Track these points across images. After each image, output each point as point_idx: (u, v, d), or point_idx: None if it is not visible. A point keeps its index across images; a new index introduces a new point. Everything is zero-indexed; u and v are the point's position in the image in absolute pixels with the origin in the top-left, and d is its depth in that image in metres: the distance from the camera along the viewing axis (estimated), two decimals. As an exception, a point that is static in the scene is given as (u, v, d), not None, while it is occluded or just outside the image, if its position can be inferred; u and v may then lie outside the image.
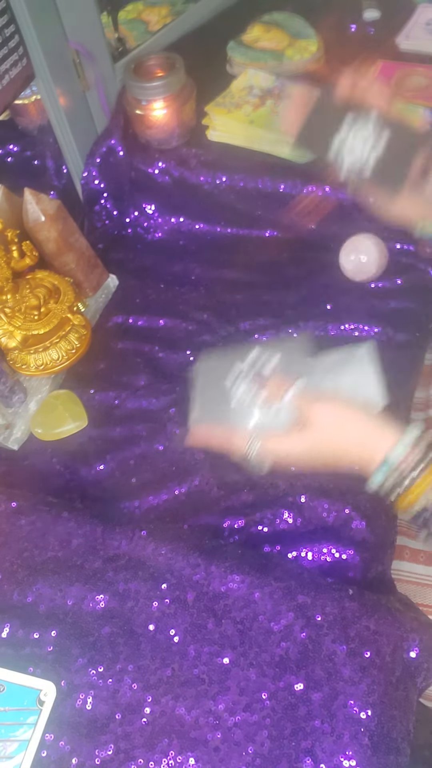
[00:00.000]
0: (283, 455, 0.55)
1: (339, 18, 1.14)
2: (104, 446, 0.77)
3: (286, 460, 0.55)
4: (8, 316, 0.77)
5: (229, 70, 1.08)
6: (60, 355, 0.79)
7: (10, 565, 0.63)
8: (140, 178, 0.99)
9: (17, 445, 0.78)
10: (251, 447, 0.55)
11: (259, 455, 0.55)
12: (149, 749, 0.52)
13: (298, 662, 0.55)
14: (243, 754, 0.51)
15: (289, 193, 0.90)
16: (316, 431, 0.53)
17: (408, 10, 1.12)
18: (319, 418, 0.53)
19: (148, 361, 0.85)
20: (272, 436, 0.55)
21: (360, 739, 0.51)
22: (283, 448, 0.55)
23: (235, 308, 0.89)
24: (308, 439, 0.53)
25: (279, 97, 0.97)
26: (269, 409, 0.57)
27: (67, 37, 0.86)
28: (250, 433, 0.55)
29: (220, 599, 0.58)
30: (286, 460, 0.55)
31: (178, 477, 0.72)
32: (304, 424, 0.54)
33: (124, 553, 0.62)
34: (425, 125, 0.88)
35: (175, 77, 0.90)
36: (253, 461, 0.56)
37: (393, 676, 0.54)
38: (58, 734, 0.53)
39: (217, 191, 0.94)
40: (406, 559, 0.79)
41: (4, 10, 0.75)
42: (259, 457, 0.55)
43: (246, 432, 0.56)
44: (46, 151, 1.00)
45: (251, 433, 0.55)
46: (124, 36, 1.08)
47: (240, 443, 0.56)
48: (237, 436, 0.56)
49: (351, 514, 0.67)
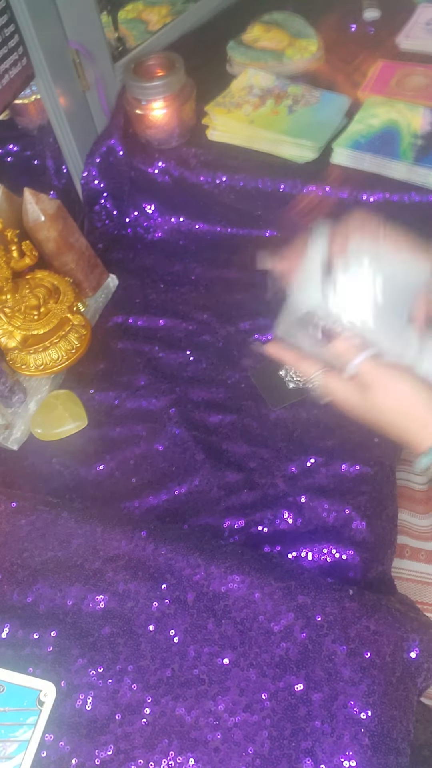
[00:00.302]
0: (340, 398, 0.55)
1: (339, 18, 1.14)
2: (104, 446, 0.77)
3: (341, 404, 0.56)
4: (8, 316, 0.77)
5: (229, 69, 1.08)
6: (60, 355, 0.79)
7: (10, 565, 0.63)
8: (140, 178, 0.98)
9: (17, 445, 0.78)
10: (315, 378, 0.56)
11: (320, 388, 0.56)
12: (149, 749, 0.52)
13: (298, 662, 0.55)
14: (243, 754, 0.51)
15: (289, 193, 0.90)
16: (378, 394, 0.53)
17: (408, 10, 1.12)
18: (385, 383, 0.53)
19: (148, 361, 0.85)
20: (337, 377, 0.55)
21: (360, 739, 0.51)
22: (342, 393, 0.55)
23: (235, 308, 0.89)
24: (368, 398, 0.54)
25: (279, 97, 0.97)
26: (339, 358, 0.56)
27: (67, 37, 0.86)
28: (317, 366, 0.56)
29: (220, 599, 0.58)
30: (341, 404, 0.56)
31: (178, 477, 0.72)
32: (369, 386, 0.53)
33: (124, 553, 0.62)
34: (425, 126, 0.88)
35: (175, 77, 0.90)
36: (314, 390, 0.57)
37: (393, 676, 0.54)
38: (58, 734, 0.53)
39: (217, 191, 0.94)
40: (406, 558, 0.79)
41: (4, 10, 0.75)
42: (320, 389, 0.56)
43: (315, 363, 0.57)
44: (46, 151, 1.00)
45: (319, 366, 0.56)
46: (124, 36, 1.08)
47: (306, 370, 0.57)
48: (307, 362, 0.57)
49: (351, 514, 0.67)
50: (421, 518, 0.96)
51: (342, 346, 0.54)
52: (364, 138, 0.89)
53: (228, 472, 0.72)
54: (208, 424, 0.77)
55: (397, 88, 0.96)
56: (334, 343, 0.54)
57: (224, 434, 0.76)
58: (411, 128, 0.89)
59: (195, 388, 0.80)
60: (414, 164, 0.84)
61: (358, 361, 0.53)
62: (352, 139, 0.89)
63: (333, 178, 0.88)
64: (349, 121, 0.92)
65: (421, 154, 0.85)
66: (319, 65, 1.05)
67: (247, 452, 0.74)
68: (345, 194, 0.87)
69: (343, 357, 0.54)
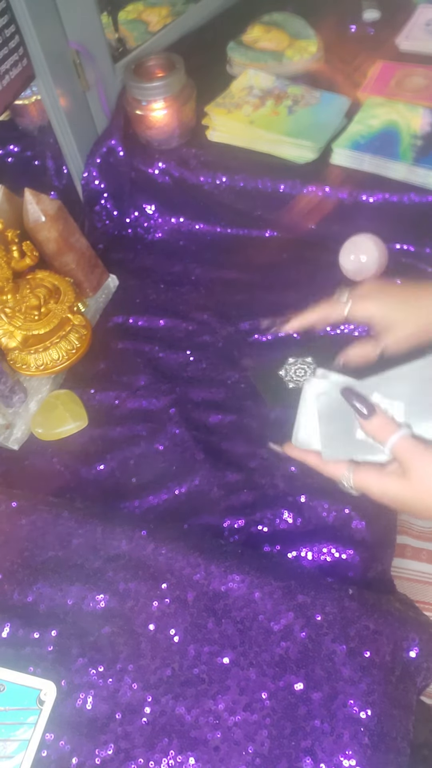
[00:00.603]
0: (377, 493, 0.52)
1: (339, 18, 1.14)
2: (104, 446, 0.77)
3: (379, 498, 0.52)
4: (8, 316, 0.77)
5: (229, 70, 1.08)
6: (60, 355, 0.79)
7: (11, 565, 0.63)
8: (140, 179, 0.99)
9: (17, 445, 0.78)
10: (345, 477, 0.53)
11: (353, 486, 0.53)
12: (149, 749, 0.52)
13: (298, 662, 0.55)
14: (243, 753, 0.51)
15: (289, 193, 0.90)
16: (419, 477, 0.49)
17: (408, 11, 1.11)
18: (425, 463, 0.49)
19: (148, 361, 0.85)
20: (369, 470, 0.52)
21: (360, 738, 0.51)
22: (378, 485, 0.51)
23: (235, 308, 0.89)
24: (408, 487, 0.49)
25: (279, 98, 0.97)
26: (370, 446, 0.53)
27: (67, 38, 0.86)
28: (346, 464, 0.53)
29: (220, 599, 0.58)
30: (379, 498, 0.52)
31: (178, 477, 0.72)
32: (406, 470, 0.50)
33: (124, 553, 0.62)
34: (425, 126, 0.89)
35: (175, 78, 0.91)
36: (347, 489, 0.54)
37: (393, 675, 0.54)
38: (58, 734, 0.53)
39: (217, 191, 0.94)
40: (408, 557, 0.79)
41: (4, 11, 0.75)
42: (353, 488, 0.53)
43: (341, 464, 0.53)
44: (47, 152, 1.00)
45: (347, 465, 0.53)
46: (125, 36, 1.08)
47: (334, 472, 0.54)
48: (333, 464, 0.54)
49: (351, 514, 0.67)
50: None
51: (378, 423, 0.50)
52: (364, 138, 0.89)
53: (228, 471, 0.72)
54: (208, 424, 0.77)
55: (396, 89, 0.97)
56: (370, 420, 0.50)
57: (224, 434, 0.76)
58: (410, 129, 0.89)
59: (195, 388, 0.80)
60: (413, 165, 0.84)
61: (395, 438, 0.49)
62: (351, 140, 0.89)
63: (333, 179, 0.88)
64: (348, 122, 0.93)
65: (420, 155, 0.85)
66: (319, 66, 1.05)
67: (247, 452, 0.74)
68: (345, 195, 0.87)
69: (379, 435, 0.50)
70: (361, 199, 0.87)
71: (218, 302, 0.91)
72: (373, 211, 0.87)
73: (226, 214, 0.98)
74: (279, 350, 0.82)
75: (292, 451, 0.58)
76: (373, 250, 0.85)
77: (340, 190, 0.87)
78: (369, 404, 0.51)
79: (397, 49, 1.06)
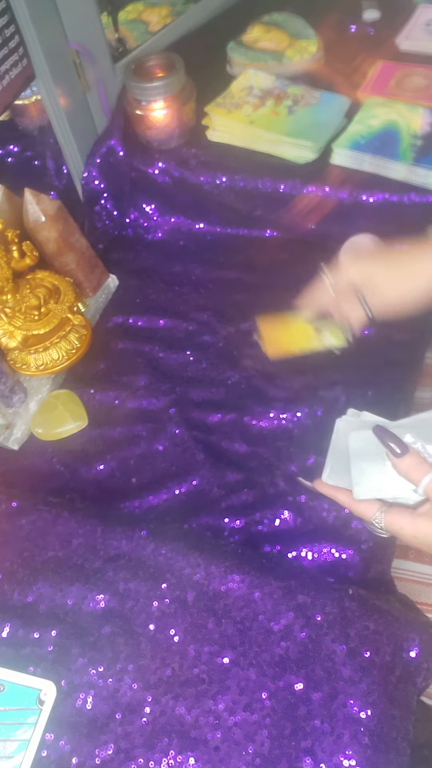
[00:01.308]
0: (408, 535, 0.51)
1: (339, 18, 1.14)
2: (104, 446, 0.77)
3: (410, 541, 0.51)
4: (8, 316, 0.77)
5: (229, 70, 1.08)
6: (60, 355, 0.79)
7: (11, 565, 0.63)
8: (140, 179, 0.99)
9: (17, 445, 0.78)
10: (377, 518, 0.52)
11: (384, 528, 0.52)
12: (149, 749, 0.52)
13: (298, 662, 0.55)
14: (243, 753, 0.51)
15: (289, 193, 0.90)
16: None
17: (408, 11, 1.11)
18: None
19: (148, 361, 0.85)
20: (401, 512, 0.51)
21: (360, 738, 0.51)
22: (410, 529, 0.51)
23: (235, 308, 0.89)
24: None
25: (279, 98, 0.97)
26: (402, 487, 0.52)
27: (67, 38, 0.86)
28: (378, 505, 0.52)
29: (220, 599, 0.58)
30: (410, 541, 0.51)
31: (178, 477, 0.72)
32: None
33: (124, 553, 0.62)
34: (425, 126, 0.89)
35: (175, 78, 0.91)
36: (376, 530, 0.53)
37: (393, 675, 0.54)
38: (58, 734, 0.53)
39: (217, 191, 0.94)
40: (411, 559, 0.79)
41: (4, 11, 0.75)
42: (383, 528, 0.53)
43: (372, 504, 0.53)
44: (47, 152, 1.00)
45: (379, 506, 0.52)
46: (125, 36, 1.08)
47: (365, 512, 0.53)
48: (364, 506, 0.53)
49: (351, 513, 0.67)
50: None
51: (411, 462, 0.49)
52: (364, 138, 0.89)
53: (228, 471, 0.72)
54: (208, 423, 0.77)
55: (396, 89, 0.97)
56: (403, 459, 0.50)
57: (224, 434, 0.76)
58: (410, 129, 0.89)
59: (195, 388, 0.80)
60: (413, 165, 0.84)
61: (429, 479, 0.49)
62: (351, 140, 0.89)
63: (333, 179, 0.88)
64: (348, 122, 0.93)
65: (420, 155, 0.85)
66: (319, 66, 1.05)
67: (247, 452, 0.74)
68: (345, 195, 0.87)
69: (412, 474, 0.49)
70: (361, 199, 0.87)
71: (218, 302, 0.91)
72: (373, 211, 0.87)
73: (226, 214, 0.98)
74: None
75: (322, 488, 0.57)
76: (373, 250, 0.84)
77: (340, 190, 0.87)
78: (402, 443, 0.50)
79: (397, 49, 1.06)
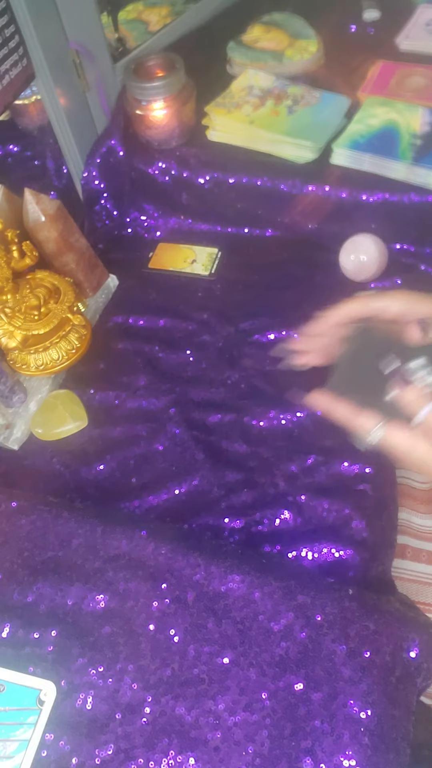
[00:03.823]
0: (402, 450, 0.50)
1: (339, 18, 1.14)
2: (104, 446, 0.77)
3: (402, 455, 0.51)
4: (8, 316, 0.77)
5: (229, 70, 1.08)
6: (60, 355, 0.79)
7: (11, 565, 0.63)
8: (140, 178, 0.99)
9: (17, 445, 0.78)
10: (375, 433, 0.51)
11: (380, 443, 0.51)
12: (149, 749, 0.52)
13: (298, 662, 0.55)
14: (243, 753, 0.51)
15: (289, 193, 0.90)
16: None
17: (408, 10, 1.12)
18: None
19: (148, 361, 0.85)
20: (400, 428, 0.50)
21: (360, 738, 0.51)
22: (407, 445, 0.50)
23: (235, 308, 0.89)
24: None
25: (279, 98, 0.97)
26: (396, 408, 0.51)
27: (67, 38, 0.86)
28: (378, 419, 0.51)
29: (220, 599, 0.58)
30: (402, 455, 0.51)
31: (178, 477, 0.72)
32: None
33: (124, 553, 0.62)
34: (424, 126, 0.89)
35: (175, 77, 0.91)
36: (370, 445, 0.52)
37: (393, 676, 0.54)
38: (58, 734, 0.53)
39: (217, 191, 0.94)
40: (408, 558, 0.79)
41: (4, 10, 0.75)
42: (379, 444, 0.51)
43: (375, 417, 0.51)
44: (47, 152, 1.00)
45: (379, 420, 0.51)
46: (124, 36, 1.08)
47: (365, 424, 0.51)
48: (364, 415, 0.51)
49: (351, 513, 0.67)
50: (423, 518, 0.96)
51: (412, 394, 0.49)
52: (364, 138, 0.89)
53: (228, 471, 0.72)
54: (207, 423, 0.77)
55: (396, 89, 0.97)
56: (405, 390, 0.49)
57: (224, 434, 0.76)
58: (410, 128, 0.89)
59: (195, 388, 0.80)
60: (413, 164, 0.84)
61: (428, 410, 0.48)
62: (351, 140, 0.89)
63: (332, 179, 0.88)
64: (348, 122, 0.93)
65: (420, 155, 0.85)
66: (319, 66, 1.05)
67: (246, 452, 0.74)
68: (344, 194, 0.87)
69: (412, 405, 0.49)
70: (361, 199, 0.87)
71: (218, 302, 0.91)
72: (373, 211, 0.87)
73: (226, 214, 0.98)
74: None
75: (319, 399, 0.54)
76: (373, 250, 0.85)
77: (340, 190, 0.87)
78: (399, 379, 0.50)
79: (397, 49, 1.06)
